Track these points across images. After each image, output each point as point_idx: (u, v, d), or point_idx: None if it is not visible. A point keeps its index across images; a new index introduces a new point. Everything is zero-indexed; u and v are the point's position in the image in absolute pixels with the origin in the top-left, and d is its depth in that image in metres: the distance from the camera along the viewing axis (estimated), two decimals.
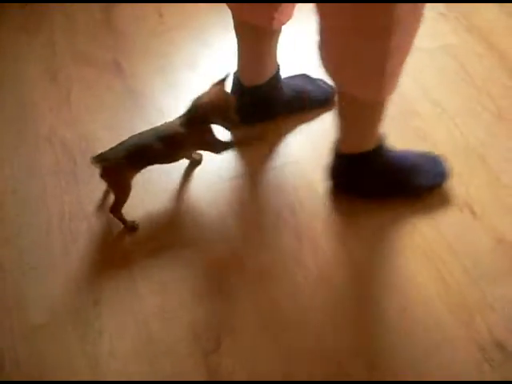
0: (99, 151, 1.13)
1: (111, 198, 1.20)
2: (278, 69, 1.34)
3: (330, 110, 1.39)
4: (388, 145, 1.21)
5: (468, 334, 1.07)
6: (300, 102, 1.39)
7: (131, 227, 1.21)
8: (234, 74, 1.32)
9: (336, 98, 1.15)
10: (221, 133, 1.24)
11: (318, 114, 1.42)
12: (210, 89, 1.18)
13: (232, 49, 1.30)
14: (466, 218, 1.22)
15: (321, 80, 1.44)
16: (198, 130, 1.17)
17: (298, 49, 1.54)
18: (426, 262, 1.17)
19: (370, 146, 1.18)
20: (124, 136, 1.15)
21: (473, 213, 1.23)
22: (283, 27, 1.24)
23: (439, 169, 1.26)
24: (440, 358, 1.04)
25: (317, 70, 1.43)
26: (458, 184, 1.27)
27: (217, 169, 1.33)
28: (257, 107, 1.34)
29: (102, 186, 1.20)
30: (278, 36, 1.26)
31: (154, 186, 1.29)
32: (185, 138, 1.16)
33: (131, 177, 1.17)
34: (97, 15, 1.68)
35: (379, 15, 0.89)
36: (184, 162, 1.30)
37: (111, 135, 1.36)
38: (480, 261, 1.16)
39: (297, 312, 1.11)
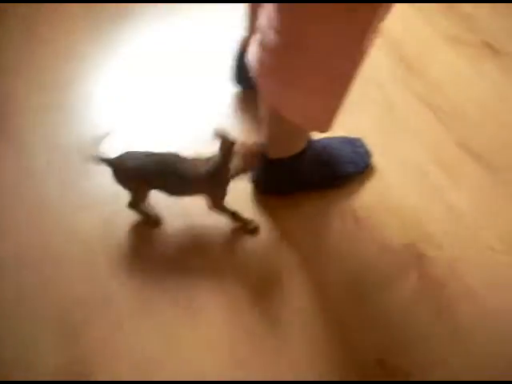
0: None
1: None
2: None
3: None
4: (311, 137, 1.15)
5: (348, 353, 1.02)
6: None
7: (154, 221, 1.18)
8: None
9: (262, 108, 1.05)
10: None
11: None
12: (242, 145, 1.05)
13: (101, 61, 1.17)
14: (349, 225, 1.18)
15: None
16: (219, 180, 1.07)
17: None
18: (306, 276, 1.12)
19: (300, 147, 1.13)
20: None
21: (355, 218, 1.19)
22: None
23: (362, 152, 1.24)
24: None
25: None
26: (338, 188, 1.22)
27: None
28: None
29: None
30: None
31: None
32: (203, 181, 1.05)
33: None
34: None
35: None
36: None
37: None
38: (364, 271, 1.12)
39: (165, 348, 1.04)
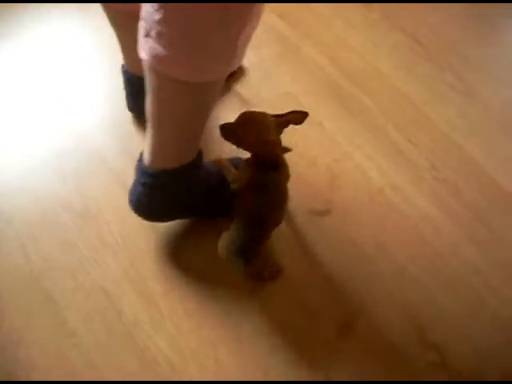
0: None
1: None
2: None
3: None
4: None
5: None
6: None
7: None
8: None
9: (153, 95, 0.83)
10: None
11: None
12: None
13: None
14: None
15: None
16: None
17: None
18: None
19: (191, 156, 0.95)
20: None
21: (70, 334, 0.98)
22: None
23: None
24: None
25: None
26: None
27: None
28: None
29: None
30: None
31: None
32: None
33: None
34: None
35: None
36: None
37: None
38: None
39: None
